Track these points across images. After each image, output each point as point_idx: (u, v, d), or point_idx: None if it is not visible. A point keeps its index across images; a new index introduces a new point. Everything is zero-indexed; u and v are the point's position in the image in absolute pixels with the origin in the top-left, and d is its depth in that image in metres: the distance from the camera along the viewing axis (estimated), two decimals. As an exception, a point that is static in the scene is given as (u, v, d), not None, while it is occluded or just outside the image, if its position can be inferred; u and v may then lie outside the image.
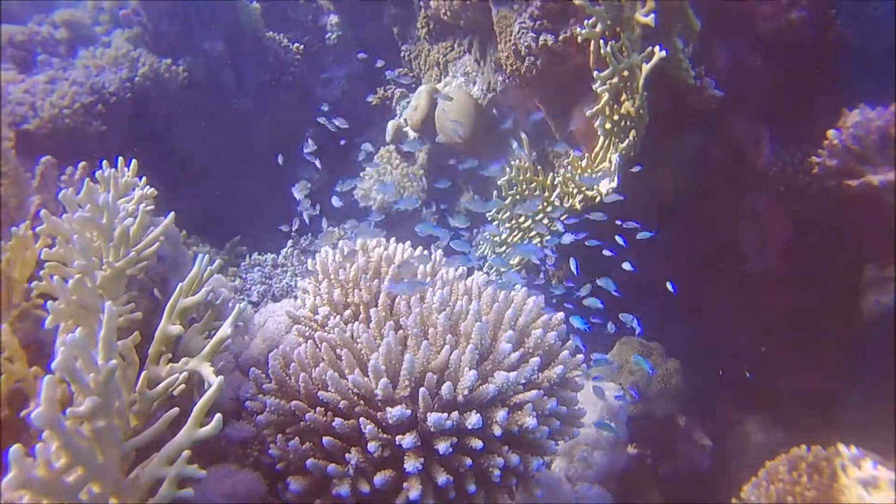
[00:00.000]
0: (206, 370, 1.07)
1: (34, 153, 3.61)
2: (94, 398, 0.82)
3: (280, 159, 3.28)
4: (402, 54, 4.32)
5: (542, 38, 2.55)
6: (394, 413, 1.26)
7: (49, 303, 1.03)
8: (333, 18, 5.06)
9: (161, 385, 1.03)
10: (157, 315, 1.77)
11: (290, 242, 3.51)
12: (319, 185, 4.84)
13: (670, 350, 3.13)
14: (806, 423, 2.82)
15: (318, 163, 2.15)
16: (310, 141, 2.20)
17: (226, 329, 1.11)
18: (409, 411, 1.27)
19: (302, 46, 4.90)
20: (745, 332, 3.14)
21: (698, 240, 2.93)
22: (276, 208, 4.64)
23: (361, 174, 4.04)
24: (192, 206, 4.29)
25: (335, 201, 2.28)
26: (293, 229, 3.31)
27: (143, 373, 1.02)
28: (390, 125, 3.95)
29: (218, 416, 0.93)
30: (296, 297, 1.98)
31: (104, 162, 1.51)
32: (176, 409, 1.00)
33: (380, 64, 2.37)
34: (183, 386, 1.08)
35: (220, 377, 0.97)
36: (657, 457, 3.07)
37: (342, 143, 2.13)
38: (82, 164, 2.09)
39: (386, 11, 4.36)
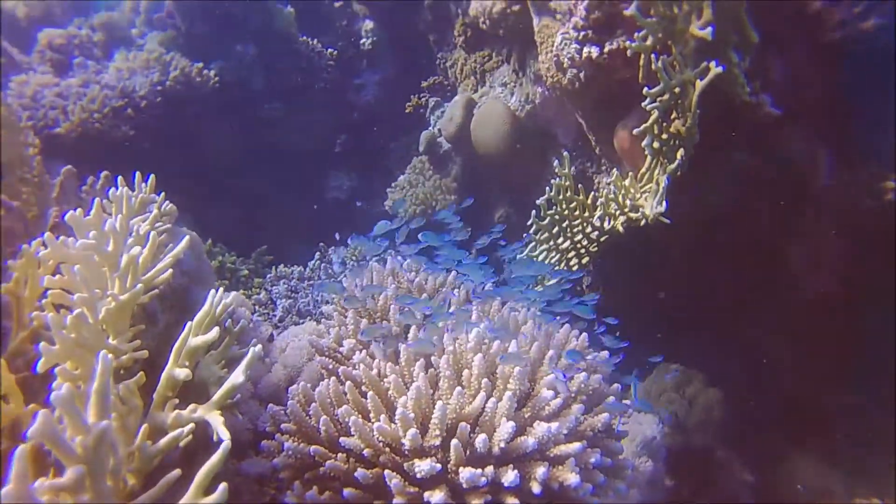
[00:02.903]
0: (216, 420, 0.95)
1: (64, 157, 3.59)
2: (79, 468, 0.71)
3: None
4: (437, 62, 4.22)
5: (586, 49, 2.41)
6: (423, 467, 1.14)
7: (42, 344, 0.93)
8: (368, 24, 4.98)
9: (164, 441, 0.92)
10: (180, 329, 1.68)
11: (317, 255, 3.41)
12: (350, 191, 4.77)
13: (711, 378, 2.96)
14: (865, 464, 2.63)
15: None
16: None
17: (238, 376, 1.00)
18: (438, 465, 1.14)
19: (336, 52, 4.82)
20: (792, 360, 2.95)
21: (745, 263, 2.76)
22: (306, 216, 4.58)
23: (393, 184, 3.93)
24: (219, 211, 4.24)
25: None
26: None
27: (144, 427, 0.92)
28: (424, 135, 3.84)
29: (223, 486, 0.82)
30: (318, 320, 1.87)
31: (119, 179, 1.42)
32: (177, 472, 0.89)
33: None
34: (189, 437, 0.97)
35: (226, 441, 0.86)
36: (695, 491, 2.90)
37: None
38: (104, 174, 2.02)
39: (422, 18, 4.26)
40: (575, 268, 2.61)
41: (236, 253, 3.82)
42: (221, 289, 1.19)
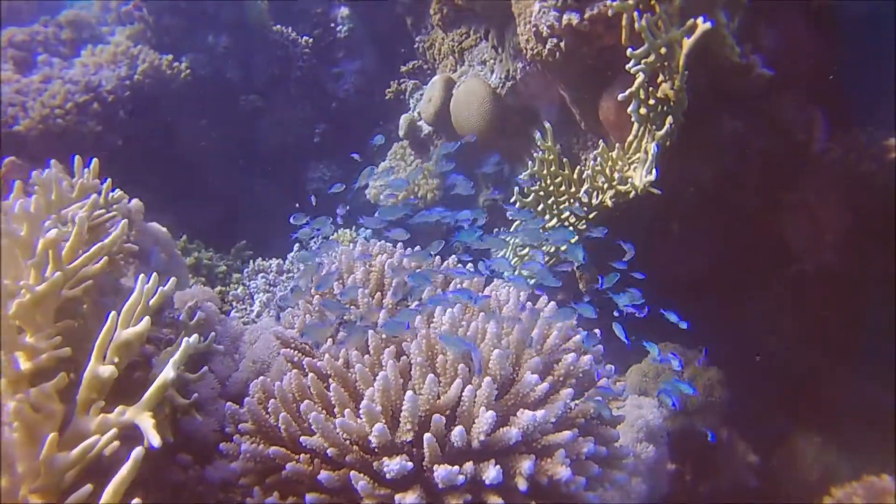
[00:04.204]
0: (146, 423, 0.82)
1: (28, 156, 3.44)
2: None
3: (313, 200, 2.94)
4: (415, 46, 4.08)
5: (565, 17, 2.29)
6: (393, 466, 1.01)
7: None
8: (344, 11, 4.84)
9: (75, 452, 0.79)
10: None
11: (296, 247, 3.28)
12: (331, 183, 4.62)
13: (711, 358, 2.85)
14: (868, 441, 2.52)
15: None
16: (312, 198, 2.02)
17: (169, 372, 0.87)
18: (410, 464, 1.02)
19: (311, 40, 4.68)
20: (793, 337, 2.85)
21: (741, 235, 2.66)
22: (286, 210, 4.43)
23: (374, 172, 3.79)
24: (196, 208, 4.11)
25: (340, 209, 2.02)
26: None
27: (51, 437, 0.78)
28: (403, 119, 3.71)
29: (135, 502, 0.69)
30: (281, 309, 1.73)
31: (51, 161, 1.28)
32: (87, 489, 0.76)
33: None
34: (116, 443, 0.84)
35: (139, 449, 0.73)
36: (697, 474, 2.80)
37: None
38: (53, 162, 1.88)
39: (399, 1, 4.11)
40: (564, 247, 2.48)
41: (216, 249, 3.69)
42: (155, 274, 1.06)
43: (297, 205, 4.14)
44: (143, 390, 1.21)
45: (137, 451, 0.73)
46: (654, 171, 1.97)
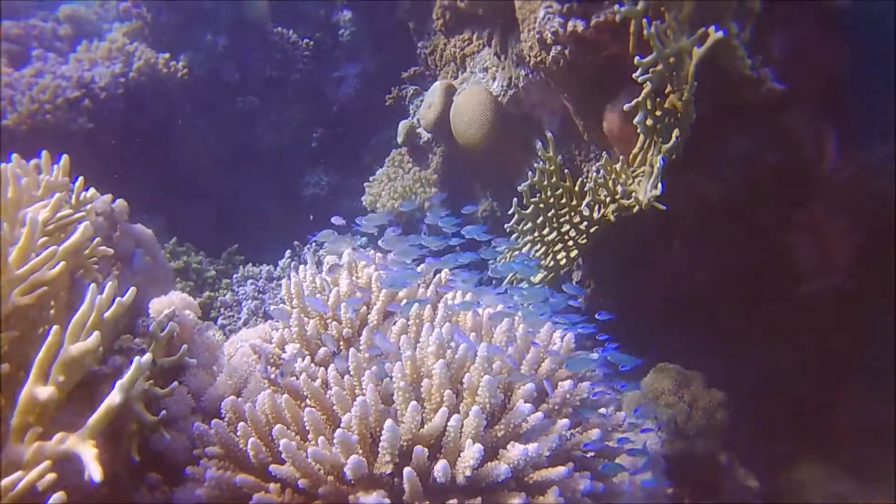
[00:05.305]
0: (87, 454, 0.73)
1: (16, 152, 3.37)
2: None
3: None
4: (418, 51, 4.01)
5: (570, 23, 2.21)
6: (368, 501, 0.92)
7: None
8: (346, 14, 4.78)
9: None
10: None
11: (287, 252, 3.19)
12: (328, 189, 4.56)
13: (712, 379, 2.76)
14: (879, 465, 2.44)
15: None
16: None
17: (115, 396, 0.77)
18: (387, 500, 0.92)
19: (312, 43, 4.61)
20: (799, 360, 2.76)
21: (747, 254, 2.57)
22: (282, 213, 4.36)
23: (371, 178, 3.72)
24: (192, 210, 4.03)
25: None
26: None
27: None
28: (402, 125, 3.63)
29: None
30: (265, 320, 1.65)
31: (13, 156, 1.20)
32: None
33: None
34: (51, 476, 0.74)
35: (59, 494, 0.63)
36: (696, 499, 2.71)
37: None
38: (15, 156, 1.79)
39: (401, 5, 4.05)
40: (563, 262, 2.39)
41: (208, 252, 3.60)
42: (113, 282, 0.96)
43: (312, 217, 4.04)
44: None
45: (57, 498, 0.64)
46: (659, 185, 1.89)
